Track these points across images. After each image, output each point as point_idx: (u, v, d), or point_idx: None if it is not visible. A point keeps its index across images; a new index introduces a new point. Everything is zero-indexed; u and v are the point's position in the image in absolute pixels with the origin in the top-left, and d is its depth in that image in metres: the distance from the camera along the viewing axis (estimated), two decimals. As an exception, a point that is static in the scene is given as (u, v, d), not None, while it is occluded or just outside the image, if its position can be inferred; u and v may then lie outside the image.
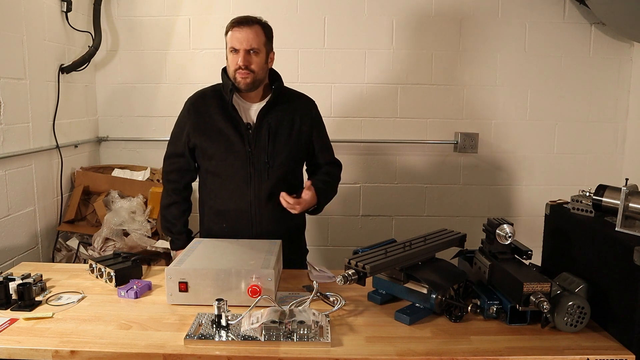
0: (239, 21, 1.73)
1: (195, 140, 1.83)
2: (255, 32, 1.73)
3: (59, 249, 2.52)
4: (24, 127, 2.26)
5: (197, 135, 1.82)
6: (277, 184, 1.81)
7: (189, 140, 1.84)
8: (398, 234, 2.97)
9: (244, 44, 1.72)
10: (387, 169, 2.98)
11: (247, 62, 1.72)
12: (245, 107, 1.83)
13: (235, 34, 1.73)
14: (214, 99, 1.82)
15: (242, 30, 1.72)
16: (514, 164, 2.98)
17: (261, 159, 1.79)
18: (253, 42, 1.72)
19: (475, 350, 1.21)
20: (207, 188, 1.90)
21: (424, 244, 1.49)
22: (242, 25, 1.72)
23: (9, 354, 1.20)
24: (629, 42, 2.86)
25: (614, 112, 2.94)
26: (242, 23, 1.73)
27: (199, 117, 1.82)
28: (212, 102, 1.82)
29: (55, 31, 2.51)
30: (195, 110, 1.84)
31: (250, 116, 1.81)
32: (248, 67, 1.73)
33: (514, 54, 2.87)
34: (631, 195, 1.32)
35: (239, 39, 1.72)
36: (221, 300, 1.26)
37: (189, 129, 1.83)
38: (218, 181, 1.85)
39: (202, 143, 1.82)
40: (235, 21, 1.74)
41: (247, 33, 1.72)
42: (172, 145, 1.92)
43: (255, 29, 1.74)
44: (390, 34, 2.85)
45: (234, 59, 1.74)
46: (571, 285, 1.37)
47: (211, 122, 1.80)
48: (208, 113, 1.81)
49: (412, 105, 2.91)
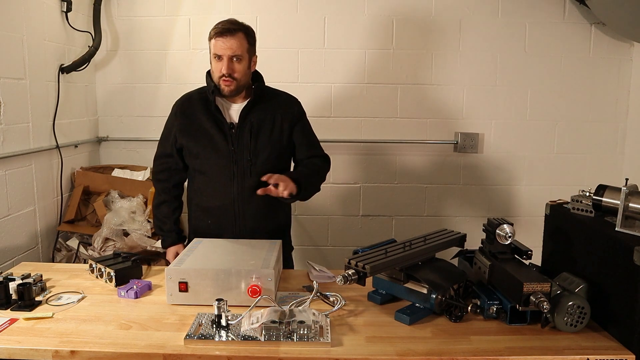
0: (222, 30, 1.76)
1: (182, 140, 1.89)
2: (238, 40, 1.77)
3: (59, 249, 2.52)
4: (24, 127, 2.26)
5: (184, 136, 1.89)
6: (260, 181, 1.84)
7: (176, 141, 1.91)
8: (398, 234, 2.97)
9: (227, 52, 1.76)
10: (387, 169, 2.98)
11: (230, 70, 1.77)
12: (228, 108, 1.89)
13: (218, 43, 1.76)
14: (199, 101, 1.89)
15: (226, 39, 1.76)
16: (514, 164, 2.98)
17: (244, 157, 1.85)
18: (237, 49, 1.77)
19: (475, 350, 1.21)
20: (194, 186, 1.96)
21: (424, 244, 1.49)
22: (225, 34, 1.76)
23: (9, 354, 1.20)
24: (629, 42, 2.86)
25: (614, 112, 2.94)
26: (225, 32, 1.76)
27: (185, 118, 1.89)
28: (197, 104, 1.89)
29: (55, 31, 2.51)
30: (182, 112, 1.91)
31: (233, 116, 1.88)
32: (231, 75, 1.78)
33: (514, 54, 2.87)
34: (631, 195, 1.32)
35: (222, 47, 1.76)
36: (221, 300, 1.26)
37: (175, 130, 1.91)
38: (204, 179, 1.91)
39: (188, 143, 1.89)
40: (219, 30, 1.77)
41: (230, 42, 1.76)
42: (161, 146, 1.99)
43: (239, 37, 1.77)
44: (390, 34, 2.85)
45: (218, 66, 1.79)
46: (571, 285, 1.37)
47: (197, 123, 1.87)
48: (194, 115, 1.88)
49: (412, 105, 2.91)
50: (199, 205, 1.94)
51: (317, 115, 2.84)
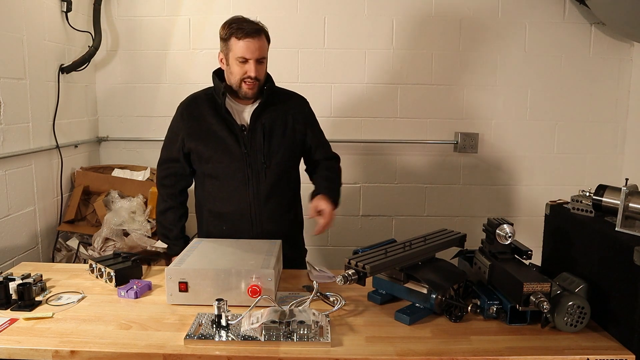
0: (250, 32, 1.70)
1: (190, 144, 1.82)
2: (263, 41, 1.74)
3: (59, 249, 2.52)
4: (24, 127, 2.26)
5: (192, 140, 1.82)
6: (275, 184, 1.83)
7: (183, 145, 1.83)
8: (398, 234, 2.97)
9: (255, 54, 1.71)
10: (387, 169, 2.98)
11: (258, 73, 1.73)
12: (238, 110, 1.83)
13: (247, 44, 1.70)
14: (206, 102, 1.83)
15: (254, 40, 1.70)
16: (514, 164, 2.98)
17: (257, 159, 1.80)
18: (264, 51, 1.74)
19: (475, 350, 1.21)
20: (204, 191, 1.89)
21: (424, 244, 1.49)
22: (254, 36, 1.70)
23: (9, 354, 1.21)
24: (629, 42, 2.86)
25: (614, 112, 2.94)
26: (253, 33, 1.70)
27: (192, 121, 1.82)
28: (205, 106, 1.82)
29: (55, 31, 2.51)
30: (188, 114, 1.84)
31: (244, 118, 1.82)
32: (257, 77, 1.74)
33: (514, 54, 2.87)
34: (631, 195, 1.32)
35: (252, 50, 1.70)
36: (221, 300, 1.26)
37: (183, 134, 1.83)
38: (216, 184, 1.84)
39: (197, 147, 1.82)
40: (246, 31, 1.70)
41: (258, 43, 1.71)
42: (166, 150, 1.90)
43: (263, 39, 1.74)
44: (390, 34, 2.85)
45: (242, 68, 1.73)
46: (571, 285, 1.37)
47: (205, 125, 1.81)
48: (202, 117, 1.81)
49: (412, 105, 2.91)
50: (211, 211, 1.87)
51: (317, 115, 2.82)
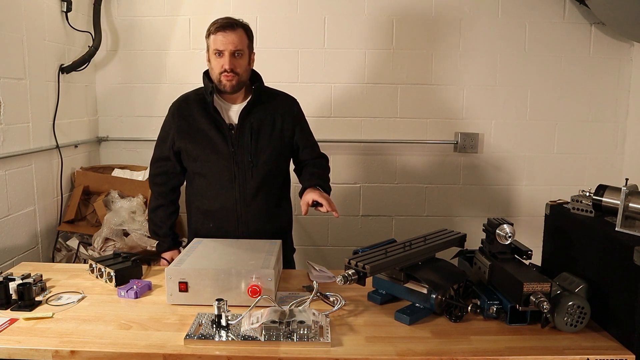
0: (223, 25, 1.76)
1: (180, 143, 1.86)
2: (239, 35, 1.77)
3: (59, 249, 2.52)
4: (24, 127, 2.26)
5: (182, 138, 1.86)
6: (262, 183, 1.85)
7: (173, 143, 1.88)
8: (398, 234, 2.97)
9: (229, 47, 1.75)
10: (387, 169, 2.98)
11: (232, 65, 1.76)
12: (227, 109, 1.87)
13: (219, 37, 1.75)
14: (196, 102, 1.87)
15: (227, 33, 1.75)
16: (514, 164, 2.98)
17: (245, 158, 1.83)
18: (238, 44, 1.76)
19: (475, 350, 1.21)
20: (193, 189, 1.93)
21: (424, 244, 1.49)
22: (226, 29, 1.75)
23: (9, 354, 1.21)
24: (629, 42, 2.86)
25: (614, 112, 2.94)
26: (226, 27, 1.76)
27: (182, 120, 1.86)
28: (195, 105, 1.86)
29: (55, 31, 2.51)
30: (179, 114, 1.88)
31: (232, 117, 1.85)
32: (233, 70, 1.76)
33: (514, 54, 2.87)
34: (631, 195, 1.32)
35: (224, 42, 1.75)
36: (221, 300, 1.26)
37: (173, 133, 1.87)
38: (204, 181, 1.88)
39: (186, 145, 1.86)
40: (219, 25, 1.76)
41: (232, 36, 1.75)
42: (158, 149, 1.95)
43: (239, 32, 1.77)
44: (390, 34, 2.85)
45: (219, 62, 1.77)
46: (571, 285, 1.37)
47: (195, 124, 1.84)
48: (192, 116, 1.85)
49: (412, 105, 2.91)
50: (199, 209, 1.91)
51: (317, 115, 2.84)
